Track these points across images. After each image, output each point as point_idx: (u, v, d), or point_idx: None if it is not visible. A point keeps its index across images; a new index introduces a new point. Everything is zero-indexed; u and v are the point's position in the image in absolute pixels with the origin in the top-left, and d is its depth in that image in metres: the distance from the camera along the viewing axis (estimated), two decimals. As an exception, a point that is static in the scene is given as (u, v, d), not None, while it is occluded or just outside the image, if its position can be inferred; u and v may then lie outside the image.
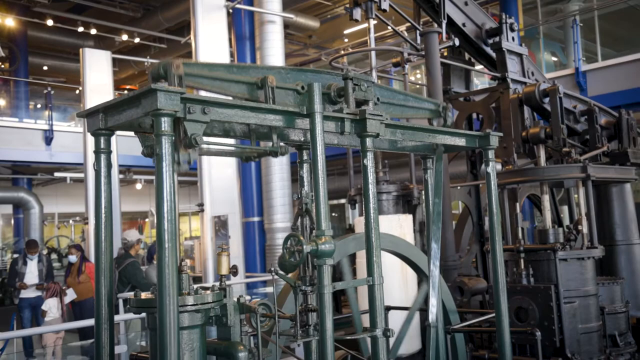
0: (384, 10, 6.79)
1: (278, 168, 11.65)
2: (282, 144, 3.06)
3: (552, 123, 6.16)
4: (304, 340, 3.05)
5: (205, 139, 2.55)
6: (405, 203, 7.85)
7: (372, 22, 8.08)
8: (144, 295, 2.66)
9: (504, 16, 7.75)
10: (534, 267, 5.52)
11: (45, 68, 23.75)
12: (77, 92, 18.32)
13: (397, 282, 6.16)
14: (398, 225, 6.30)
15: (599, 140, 6.38)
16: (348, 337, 3.36)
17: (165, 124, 2.29)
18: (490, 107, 7.87)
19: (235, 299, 2.76)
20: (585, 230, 5.82)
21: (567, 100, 6.53)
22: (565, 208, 7.54)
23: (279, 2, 12.15)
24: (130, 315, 6.62)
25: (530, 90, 6.44)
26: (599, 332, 5.50)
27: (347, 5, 7.00)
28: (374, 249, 2.93)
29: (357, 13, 6.85)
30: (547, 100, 6.31)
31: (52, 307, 9.40)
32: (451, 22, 7.42)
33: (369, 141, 2.97)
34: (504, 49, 7.59)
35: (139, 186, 21.09)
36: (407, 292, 6.33)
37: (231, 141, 8.70)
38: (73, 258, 10.23)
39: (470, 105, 8.37)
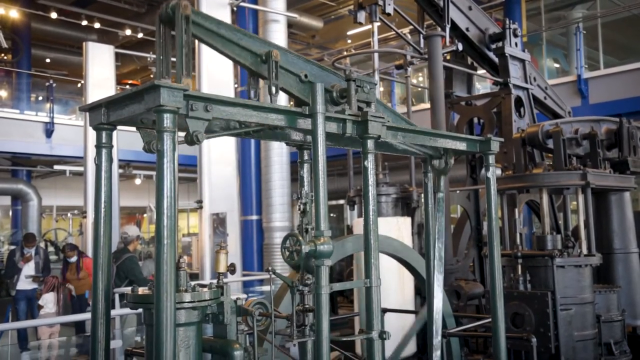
0: (388, 14, 6.79)
1: (278, 167, 11.65)
2: (284, 149, 3.08)
3: (555, 165, 6.17)
4: (300, 341, 3.05)
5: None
6: (404, 206, 7.85)
7: (376, 24, 8.08)
8: (141, 290, 2.66)
9: (507, 21, 7.76)
10: (531, 273, 5.52)
11: (47, 61, 23.72)
12: (79, 85, 18.32)
13: (394, 285, 6.17)
14: (396, 228, 6.31)
15: (601, 165, 6.38)
16: (344, 339, 3.35)
17: (168, 120, 2.29)
18: (491, 112, 7.88)
19: (233, 301, 2.76)
20: (583, 237, 5.82)
21: (568, 126, 6.53)
22: (561, 215, 7.54)
23: (283, 1, 12.15)
24: (127, 310, 6.64)
25: (533, 131, 6.44)
26: (595, 340, 5.51)
27: (352, 8, 7.00)
28: (372, 250, 2.93)
29: (362, 16, 6.85)
30: (550, 141, 6.31)
31: (48, 302, 9.40)
32: (455, 27, 7.42)
33: (370, 143, 2.97)
34: (506, 54, 7.60)
35: (138, 181, 21.08)
36: (404, 294, 6.34)
37: (232, 142, 8.70)
38: (73, 259, 10.36)
39: (472, 109, 8.38)
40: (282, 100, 10.62)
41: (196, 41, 9.61)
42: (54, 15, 19.79)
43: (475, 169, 8.43)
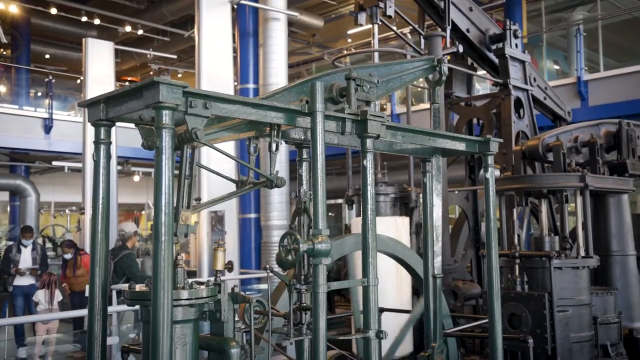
0: (389, 16, 6.80)
1: (277, 165, 11.59)
2: (280, 175, 3.07)
3: None
4: (297, 339, 3.05)
5: (205, 133, 2.54)
6: (403, 205, 7.85)
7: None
8: (138, 287, 2.65)
9: (508, 22, 7.77)
10: (529, 275, 5.52)
11: (47, 56, 23.68)
12: (78, 81, 18.28)
13: (392, 284, 6.17)
14: (394, 227, 6.32)
15: (599, 172, 6.38)
16: (341, 337, 3.35)
17: (167, 117, 2.28)
18: (491, 113, 7.89)
19: (230, 289, 2.76)
20: (581, 239, 5.82)
21: (567, 134, 6.53)
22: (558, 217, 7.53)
23: (284, -1, 12.14)
24: (124, 307, 6.61)
25: (533, 144, 6.44)
26: (591, 341, 5.51)
27: (352, 8, 7.00)
28: (370, 250, 2.93)
29: (362, 18, 6.87)
30: (550, 154, 6.30)
31: (40, 299, 9.41)
32: (455, 28, 7.42)
33: (369, 142, 2.97)
34: (506, 55, 7.61)
35: (136, 178, 21.06)
36: (401, 294, 6.34)
37: (231, 150, 8.75)
38: (68, 256, 10.37)
39: (471, 110, 8.39)
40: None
41: (196, 38, 9.53)
42: (53, 10, 19.74)
43: (474, 169, 8.43)
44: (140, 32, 21.12)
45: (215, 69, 10.41)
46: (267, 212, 11.96)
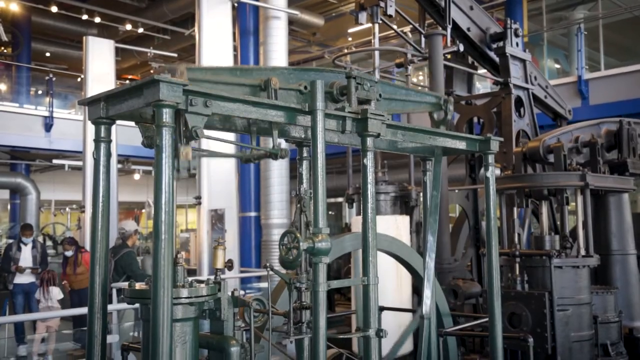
0: (390, 16, 6.81)
1: (277, 164, 11.64)
2: (283, 146, 3.05)
3: None
4: (297, 338, 3.05)
5: (205, 131, 2.54)
6: (403, 204, 7.85)
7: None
8: (138, 285, 2.65)
9: (508, 21, 7.76)
10: (529, 274, 5.52)
11: (47, 54, 23.68)
12: (79, 80, 18.28)
13: (392, 283, 6.17)
14: (395, 226, 6.31)
15: (600, 171, 6.38)
16: (341, 336, 3.35)
17: (167, 115, 2.28)
18: (491, 112, 7.89)
19: (230, 292, 2.76)
20: (581, 238, 5.82)
21: (568, 135, 6.53)
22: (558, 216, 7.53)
23: (284, -2, 12.13)
24: (124, 305, 6.63)
25: (534, 146, 6.42)
26: (591, 341, 5.51)
27: (353, 7, 7.02)
28: (370, 248, 2.93)
29: (363, 17, 6.89)
30: (551, 156, 6.28)
31: (40, 296, 9.44)
32: (456, 27, 7.42)
33: (369, 141, 2.97)
34: (507, 54, 7.60)
35: (137, 176, 21.07)
36: (401, 293, 6.34)
37: (231, 136, 8.72)
38: (69, 253, 10.38)
39: (472, 109, 8.38)
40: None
41: (196, 36, 9.51)
42: (54, 9, 19.72)
43: (474, 168, 8.43)
44: (140, 30, 21.11)
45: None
46: (267, 210, 11.97)
